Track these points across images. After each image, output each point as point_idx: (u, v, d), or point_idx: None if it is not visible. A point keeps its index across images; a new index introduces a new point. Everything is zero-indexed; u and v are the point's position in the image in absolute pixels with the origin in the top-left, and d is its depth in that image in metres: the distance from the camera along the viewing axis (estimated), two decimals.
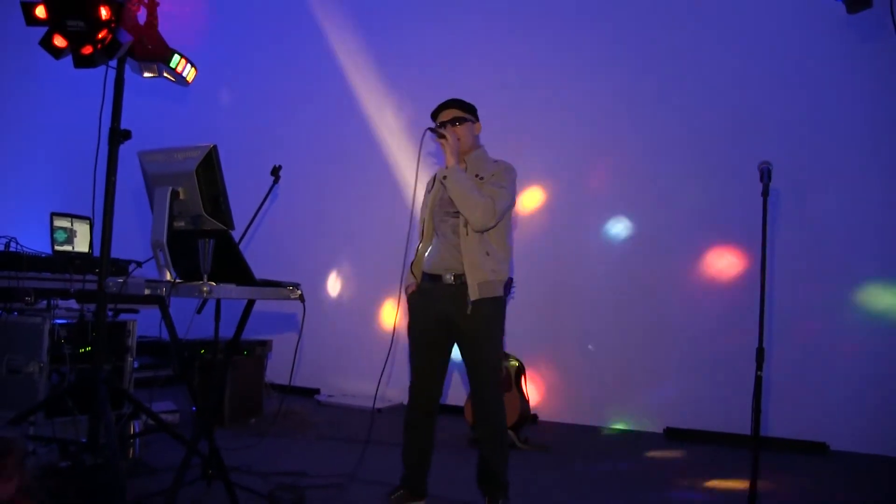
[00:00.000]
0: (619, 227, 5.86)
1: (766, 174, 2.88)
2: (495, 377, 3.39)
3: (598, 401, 5.81)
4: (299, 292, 3.08)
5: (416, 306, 3.48)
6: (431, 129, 3.41)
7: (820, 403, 5.13)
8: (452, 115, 3.44)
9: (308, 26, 7.10)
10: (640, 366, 5.68)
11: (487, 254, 3.32)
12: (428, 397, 3.46)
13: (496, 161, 3.48)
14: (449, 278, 3.34)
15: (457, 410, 5.43)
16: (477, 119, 3.54)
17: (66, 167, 7.85)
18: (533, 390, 5.66)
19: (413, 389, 3.48)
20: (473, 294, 3.26)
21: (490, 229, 3.32)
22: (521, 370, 5.11)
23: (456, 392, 5.88)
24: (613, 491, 4.00)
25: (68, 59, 3.15)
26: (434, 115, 3.51)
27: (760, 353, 2.83)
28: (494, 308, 3.36)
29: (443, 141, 3.34)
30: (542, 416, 5.86)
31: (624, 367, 5.74)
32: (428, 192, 3.58)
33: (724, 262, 5.45)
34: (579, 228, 5.98)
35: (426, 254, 3.49)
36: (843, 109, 5.20)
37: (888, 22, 2.53)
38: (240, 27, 7.52)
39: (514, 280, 5.15)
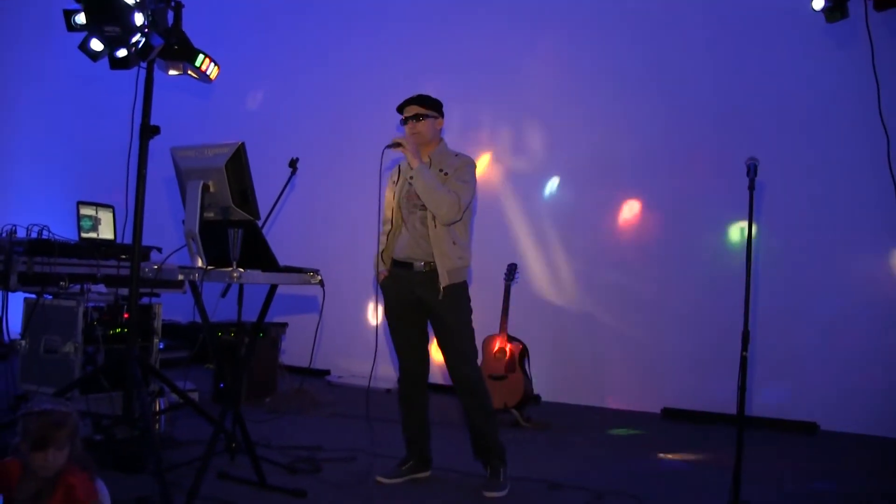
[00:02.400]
0: (619, 212, 6.08)
1: (752, 170, 3.08)
2: (471, 353, 3.66)
3: (599, 382, 6.05)
4: (319, 278, 3.32)
5: (391, 291, 3.73)
6: (388, 147, 3.59)
7: (810, 384, 5.34)
8: (414, 112, 3.64)
9: (328, 22, 7.31)
10: (640, 348, 5.91)
11: (454, 243, 3.58)
12: (416, 371, 3.74)
13: (457, 155, 3.71)
14: (420, 265, 3.59)
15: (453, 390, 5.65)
16: (440, 115, 3.72)
17: (88, 158, 8.09)
18: (536, 372, 5.89)
19: (402, 366, 3.77)
20: (444, 280, 3.52)
21: (456, 222, 3.58)
22: (524, 352, 5.34)
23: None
24: (609, 466, 4.23)
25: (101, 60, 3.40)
26: (399, 109, 3.72)
27: (746, 334, 3.05)
28: (462, 291, 3.65)
29: (401, 149, 3.55)
30: (546, 397, 6.10)
31: (624, 349, 5.97)
32: (393, 182, 3.78)
33: (722, 247, 5.67)
34: (581, 213, 6.21)
35: (395, 242, 3.69)
36: (821, 108, 5.41)
37: (861, 29, 2.74)
38: (261, 24, 7.71)
39: (517, 266, 5.39)
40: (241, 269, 2.94)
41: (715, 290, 5.62)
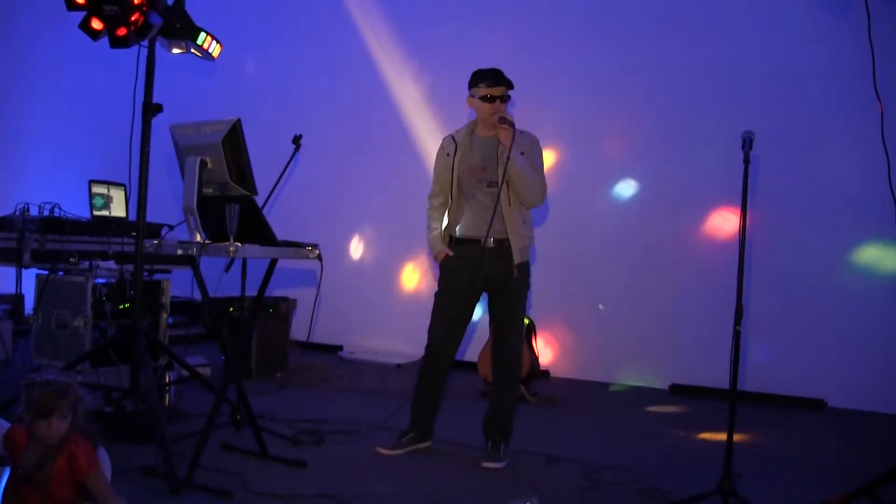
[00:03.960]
0: (626, 190, 6.07)
1: (747, 143, 3.06)
2: (522, 332, 3.76)
3: (607, 358, 6.07)
4: (317, 252, 3.37)
5: (455, 269, 3.66)
6: (502, 118, 3.49)
7: (818, 360, 5.33)
8: (503, 93, 3.57)
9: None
10: (648, 324, 5.92)
11: (524, 222, 3.63)
12: (447, 350, 3.73)
13: (522, 132, 3.65)
14: (487, 242, 3.57)
15: (466, 365, 5.70)
16: None
17: (101, 137, 8.20)
18: (545, 348, 5.91)
19: (434, 346, 3.71)
20: (517, 258, 3.57)
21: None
22: (532, 328, 5.38)
23: (467, 347, 6.12)
24: (611, 441, 4.26)
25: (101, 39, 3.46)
26: (477, 81, 3.58)
27: (739, 309, 3.04)
28: (528, 269, 3.73)
29: (506, 126, 3.47)
30: (554, 373, 6.13)
31: (632, 326, 5.98)
32: (448, 155, 3.68)
33: (728, 223, 5.64)
34: (589, 191, 6.20)
35: (456, 219, 3.68)
36: (816, 79, 5.40)
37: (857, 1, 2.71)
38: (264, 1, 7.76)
39: None
40: (238, 244, 2.99)
41: (724, 265, 5.60)
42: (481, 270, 3.59)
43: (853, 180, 5.27)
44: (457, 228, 3.69)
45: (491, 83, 3.57)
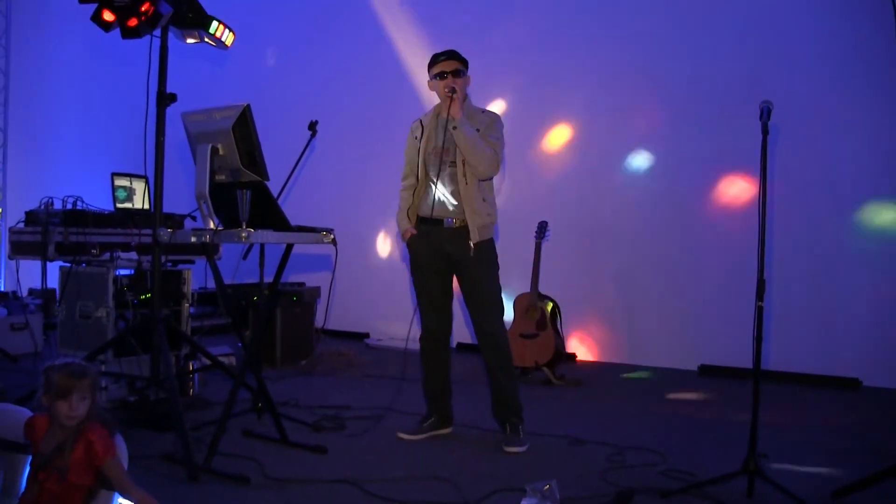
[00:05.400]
0: (650, 169, 5.97)
1: (766, 113, 2.98)
2: (497, 310, 3.68)
3: (634, 340, 6.00)
4: (332, 237, 3.35)
5: (418, 248, 3.73)
6: (449, 90, 3.51)
7: (852, 338, 5.21)
8: (455, 67, 3.60)
9: None
10: (676, 305, 5.83)
11: (484, 200, 3.61)
12: (439, 329, 3.76)
13: (484, 111, 3.72)
14: (450, 222, 3.61)
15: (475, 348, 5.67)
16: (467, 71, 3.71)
17: (122, 130, 8.29)
18: (571, 330, 5.85)
19: (425, 322, 3.78)
20: (474, 237, 3.55)
21: (491, 178, 3.60)
22: (556, 310, 5.32)
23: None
24: (635, 422, 4.20)
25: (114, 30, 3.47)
26: (433, 63, 3.65)
27: (760, 284, 2.96)
28: (490, 247, 3.68)
29: (455, 95, 3.51)
30: (581, 355, 6.07)
31: (659, 307, 5.90)
32: (416, 138, 3.75)
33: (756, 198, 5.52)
34: (612, 173, 6.11)
35: (422, 199, 3.69)
36: (835, 37, 5.26)
37: None
38: None
39: (548, 223, 5.35)
40: (251, 230, 2.99)
41: (750, 243, 5.48)
42: (441, 249, 3.64)
43: (874, 147, 5.14)
44: (422, 208, 3.70)
45: (439, 59, 3.64)
